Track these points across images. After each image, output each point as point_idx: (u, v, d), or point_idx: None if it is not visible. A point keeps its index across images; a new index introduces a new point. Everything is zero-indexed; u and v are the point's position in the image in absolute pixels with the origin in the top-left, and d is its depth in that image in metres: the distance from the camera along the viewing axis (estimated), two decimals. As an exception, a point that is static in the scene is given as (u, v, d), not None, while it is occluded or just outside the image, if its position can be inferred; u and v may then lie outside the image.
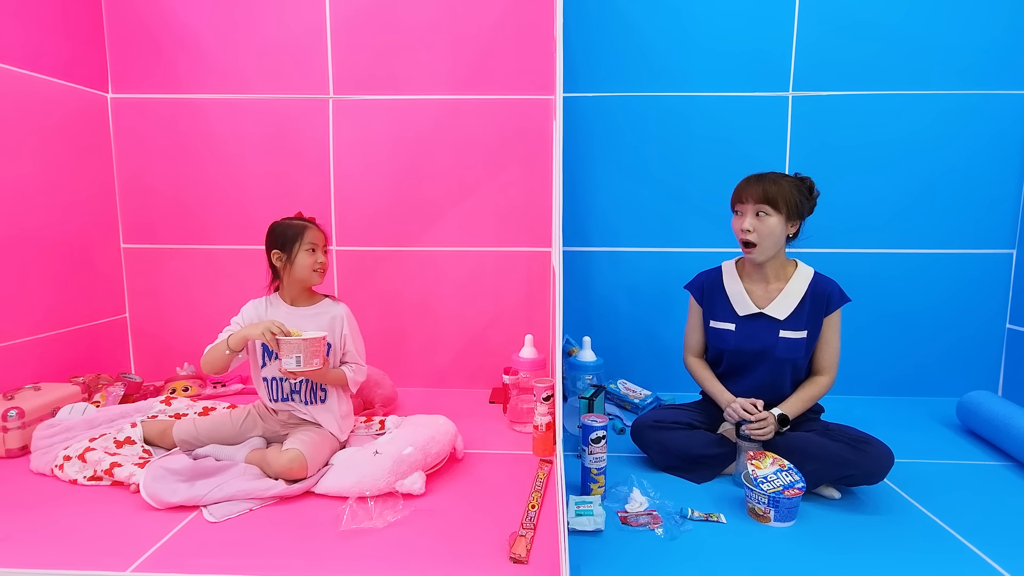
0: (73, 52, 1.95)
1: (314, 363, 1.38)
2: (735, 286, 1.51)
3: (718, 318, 1.53)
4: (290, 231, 1.50)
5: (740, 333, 1.48)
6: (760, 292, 1.48)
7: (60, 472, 1.41)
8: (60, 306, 1.92)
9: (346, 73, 2.06)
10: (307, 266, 1.49)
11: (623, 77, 2.06)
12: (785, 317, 1.44)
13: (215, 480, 1.32)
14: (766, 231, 1.39)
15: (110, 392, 1.85)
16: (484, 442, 1.67)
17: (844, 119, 2.02)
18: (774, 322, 1.45)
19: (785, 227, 1.40)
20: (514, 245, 2.12)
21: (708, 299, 1.56)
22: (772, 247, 1.42)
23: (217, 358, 1.43)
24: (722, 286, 1.53)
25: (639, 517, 1.25)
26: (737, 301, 1.49)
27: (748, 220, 1.40)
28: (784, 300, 1.45)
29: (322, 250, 1.53)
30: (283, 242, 1.49)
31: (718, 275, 1.56)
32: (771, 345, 1.44)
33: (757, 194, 1.39)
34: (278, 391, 1.52)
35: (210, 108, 2.09)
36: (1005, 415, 1.62)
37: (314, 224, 1.55)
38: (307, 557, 1.10)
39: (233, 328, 1.49)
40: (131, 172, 2.12)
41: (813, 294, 1.44)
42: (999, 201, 2.03)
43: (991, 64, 1.97)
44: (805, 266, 1.49)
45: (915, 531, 1.22)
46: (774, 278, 1.48)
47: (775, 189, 1.38)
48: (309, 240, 1.49)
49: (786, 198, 1.38)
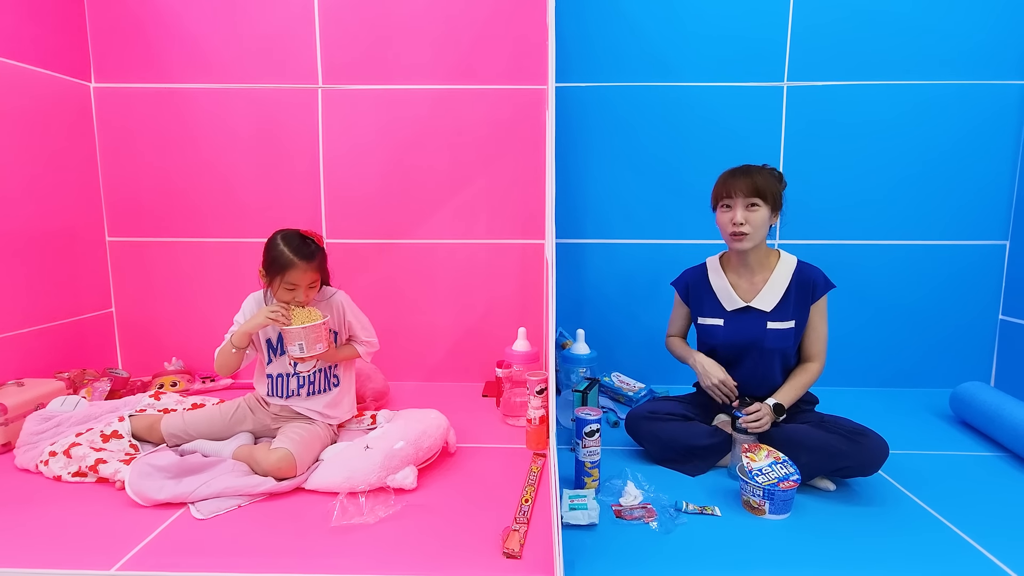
0: (54, 40, 1.90)
1: (318, 347, 1.39)
2: (720, 281, 1.52)
3: (706, 314, 1.53)
4: (278, 259, 1.39)
5: (729, 328, 1.49)
6: (746, 285, 1.49)
7: (45, 468, 1.39)
8: (44, 300, 1.88)
9: (335, 62, 2.02)
10: (283, 299, 1.42)
11: (617, 67, 2.04)
12: (772, 308, 1.45)
13: (202, 477, 1.30)
14: (759, 222, 1.40)
15: (96, 388, 1.82)
16: (477, 436, 1.65)
17: (838, 109, 2.01)
18: (761, 314, 1.46)
19: (770, 218, 1.43)
20: (507, 237, 2.10)
21: (695, 296, 1.56)
22: (761, 238, 1.43)
23: (227, 359, 1.42)
24: (708, 282, 1.54)
25: (633, 511, 1.24)
26: (724, 296, 1.50)
27: (740, 213, 1.40)
28: (769, 292, 1.46)
29: (306, 288, 1.42)
30: (266, 267, 1.42)
31: (703, 271, 1.57)
32: (760, 337, 1.45)
33: (747, 187, 1.39)
34: (283, 388, 1.50)
35: (196, 98, 2.04)
36: (998, 406, 1.62)
37: (308, 259, 1.40)
38: (297, 554, 1.08)
39: (236, 327, 1.46)
40: (115, 163, 2.08)
41: (798, 283, 1.45)
42: (992, 192, 2.03)
43: (985, 54, 1.96)
44: (787, 255, 1.49)
45: (910, 522, 1.22)
46: (759, 269, 1.48)
47: (763, 181, 1.40)
48: (290, 280, 1.39)
49: (772, 190, 1.41)
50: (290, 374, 1.50)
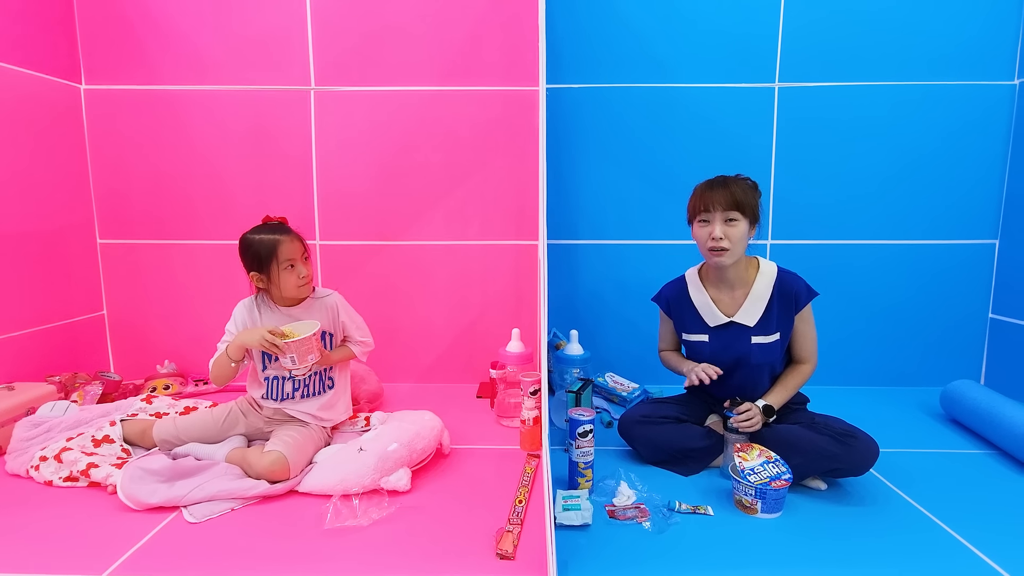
0: (43, 41, 1.88)
1: (309, 359, 1.39)
2: (701, 297, 1.49)
3: (690, 331, 1.52)
4: (263, 249, 1.39)
5: (714, 344, 1.48)
6: (727, 300, 1.47)
7: (36, 473, 1.38)
8: (34, 303, 1.87)
9: (328, 64, 2.02)
10: (291, 285, 1.43)
11: (610, 68, 2.04)
12: (755, 323, 1.43)
13: (195, 480, 1.30)
14: (737, 236, 1.37)
15: (88, 391, 1.81)
16: (471, 437, 1.65)
17: (829, 110, 2.02)
18: (745, 329, 1.44)
19: (748, 231, 1.39)
20: (501, 238, 2.10)
21: (676, 312, 1.55)
22: (740, 252, 1.41)
23: (223, 370, 1.43)
24: (688, 298, 1.52)
25: (627, 511, 1.24)
26: (705, 312, 1.48)
27: (719, 228, 1.37)
28: (751, 306, 1.43)
29: (302, 260, 1.42)
30: (258, 263, 1.41)
31: (683, 286, 1.54)
32: (746, 353, 1.44)
33: (726, 200, 1.36)
34: (279, 391, 1.50)
35: (187, 100, 2.03)
36: (988, 404, 1.64)
37: (286, 232, 1.42)
38: (290, 557, 1.08)
39: (229, 337, 1.45)
40: (106, 165, 2.07)
41: (780, 294, 1.43)
42: (981, 192, 2.04)
43: (974, 54, 1.98)
44: (767, 263, 1.47)
45: (900, 520, 1.23)
46: (738, 283, 1.46)
47: (742, 194, 1.36)
48: (285, 257, 1.39)
49: (750, 203, 1.38)
50: (285, 377, 1.49)
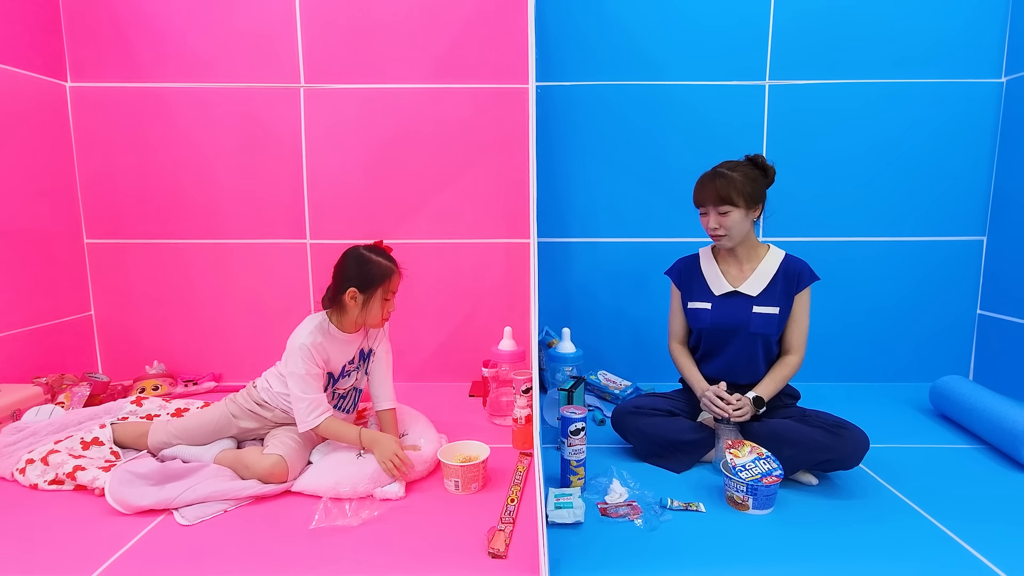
0: (28, 38, 1.86)
1: (472, 487, 1.32)
2: (711, 267, 1.57)
3: (695, 299, 1.57)
4: (378, 272, 1.37)
5: (716, 311, 1.52)
6: (735, 272, 1.54)
7: (21, 476, 1.36)
8: (21, 304, 1.84)
9: (318, 61, 2.00)
10: (378, 316, 1.41)
11: (601, 66, 2.04)
12: (758, 293, 1.49)
13: (186, 482, 1.28)
14: (732, 223, 1.45)
15: (75, 392, 1.78)
16: (463, 436, 1.62)
17: (819, 107, 2.03)
18: (748, 299, 1.50)
19: (748, 215, 1.45)
20: (493, 236, 2.10)
21: (686, 282, 1.61)
22: (740, 234, 1.47)
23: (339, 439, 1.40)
24: (699, 269, 1.59)
25: (619, 508, 1.24)
26: (713, 281, 1.55)
27: (713, 219, 1.46)
28: (757, 278, 1.50)
29: (393, 296, 1.42)
30: (364, 282, 1.37)
31: (695, 259, 1.62)
32: (745, 321, 1.48)
33: (714, 197, 1.44)
34: None
35: (175, 97, 2.01)
36: (976, 399, 1.65)
37: (396, 265, 1.42)
38: (282, 557, 1.08)
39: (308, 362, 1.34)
40: (93, 164, 2.04)
41: (785, 273, 1.50)
42: (969, 189, 2.06)
43: (963, 52, 1.99)
44: (777, 248, 1.55)
45: (890, 514, 1.24)
46: (747, 260, 1.53)
47: (727, 186, 1.42)
48: (391, 288, 1.39)
49: (740, 190, 1.42)
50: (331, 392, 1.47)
